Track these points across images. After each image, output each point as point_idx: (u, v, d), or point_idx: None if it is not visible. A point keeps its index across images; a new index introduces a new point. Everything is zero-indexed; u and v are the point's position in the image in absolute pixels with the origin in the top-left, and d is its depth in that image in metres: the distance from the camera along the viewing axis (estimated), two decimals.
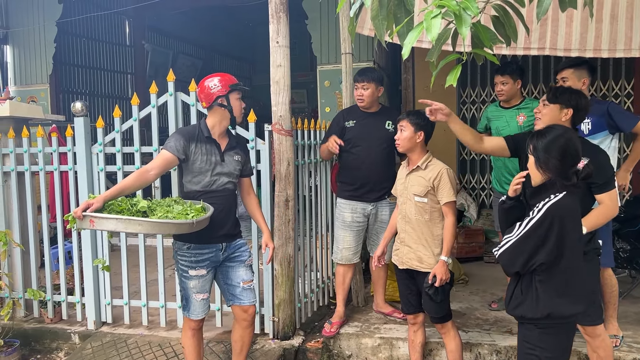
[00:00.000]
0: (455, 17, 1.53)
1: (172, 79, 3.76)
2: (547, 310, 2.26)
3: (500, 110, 3.96)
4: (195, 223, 2.68)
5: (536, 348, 2.32)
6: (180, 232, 2.75)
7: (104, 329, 4.00)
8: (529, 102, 3.87)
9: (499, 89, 3.87)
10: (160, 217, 2.68)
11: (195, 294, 2.96)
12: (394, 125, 3.84)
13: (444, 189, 3.02)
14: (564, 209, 2.23)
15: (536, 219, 2.23)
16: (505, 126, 3.87)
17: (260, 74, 11.24)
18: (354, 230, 3.87)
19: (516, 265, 2.29)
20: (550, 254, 2.22)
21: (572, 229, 2.26)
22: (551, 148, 2.27)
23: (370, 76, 3.77)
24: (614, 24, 3.20)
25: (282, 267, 3.69)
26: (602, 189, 2.70)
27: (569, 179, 2.26)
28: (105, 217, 2.58)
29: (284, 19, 3.53)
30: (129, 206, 2.73)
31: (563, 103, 2.77)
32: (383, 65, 5.83)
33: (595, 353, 2.82)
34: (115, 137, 3.93)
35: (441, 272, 2.95)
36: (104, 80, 8.17)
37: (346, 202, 3.88)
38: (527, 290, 2.31)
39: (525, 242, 2.25)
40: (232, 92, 2.95)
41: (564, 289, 2.27)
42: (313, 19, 5.81)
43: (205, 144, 2.94)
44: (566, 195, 2.25)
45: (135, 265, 4.06)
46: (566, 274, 2.27)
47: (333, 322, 3.77)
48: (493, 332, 3.64)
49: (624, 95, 5.98)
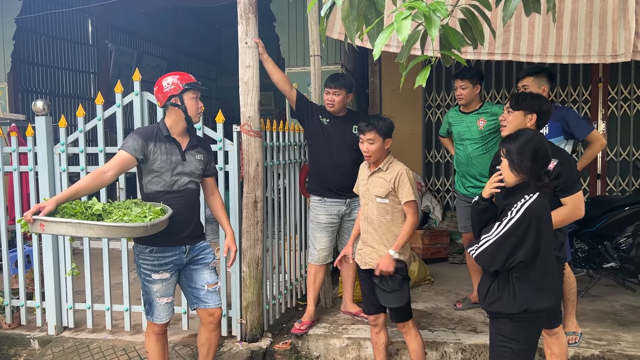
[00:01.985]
0: (425, 19, 1.56)
1: (138, 78, 3.69)
2: (525, 305, 2.36)
3: (461, 115, 4.04)
4: (150, 226, 2.59)
5: (510, 341, 2.41)
6: (134, 235, 2.67)
7: (66, 334, 3.89)
8: (489, 107, 3.97)
9: (459, 93, 3.95)
10: (115, 220, 2.59)
11: (158, 298, 2.90)
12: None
13: (404, 188, 3.06)
14: (540, 210, 2.34)
15: (515, 219, 2.32)
16: (467, 131, 3.95)
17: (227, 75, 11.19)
18: (329, 231, 3.90)
19: (496, 263, 2.37)
20: (528, 253, 2.32)
21: (546, 228, 2.38)
22: (524, 150, 2.37)
23: (342, 82, 3.82)
24: (574, 31, 3.30)
25: (250, 268, 3.66)
26: (566, 191, 2.80)
27: (541, 179, 2.36)
28: (55, 220, 2.48)
29: (252, 19, 3.53)
30: (83, 209, 2.63)
31: (526, 109, 2.86)
32: (351, 68, 5.88)
33: (549, 349, 2.92)
34: (78, 137, 3.83)
35: (384, 263, 3.00)
36: (66, 79, 7.94)
37: (320, 202, 3.89)
38: (504, 286, 2.40)
39: (504, 241, 2.33)
40: (186, 91, 2.87)
41: (539, 285, 2.38)
42: (281, 21, 5.81)
43: (164, 143, 2.87)
44: (540, 196, 2.35)
45: (99, 269, 3.96)
46: (541, 271, 2.38)
47: (303, 321, 3.78)
48: (458, 331, 3.71)
49: (582, 101, 6.20)
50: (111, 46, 8.33)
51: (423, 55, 1.78)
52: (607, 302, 4.24)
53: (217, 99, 11.50)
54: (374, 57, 1.67)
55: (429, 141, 6.75)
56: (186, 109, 2.88)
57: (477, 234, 2.52)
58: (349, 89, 3.87)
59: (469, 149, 3.93)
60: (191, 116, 2.91)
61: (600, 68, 6.02)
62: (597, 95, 6.15)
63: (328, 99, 3.84)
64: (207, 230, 3.98)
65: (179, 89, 2.85)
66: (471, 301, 4.12)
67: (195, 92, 2.92)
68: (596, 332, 3.61)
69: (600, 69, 6.04)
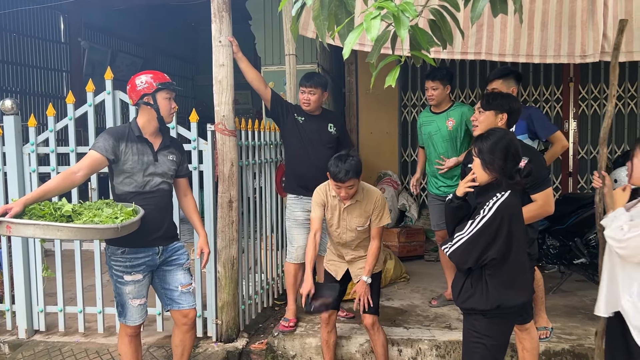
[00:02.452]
0: (394, 19, 1.56)
1: (110, 77, 3.64)
2: (497, 302, 2.39)
3: (432, 116, 4.07)
4: (121, 228, 2.54)
5: (483, 337, 2.45)
6: (105, 237, 2.63)
7: (37, 338, 3.82)
8: (458, 107, 4.01)
9: (430, 94, 3.98)
10: (85, 222, 2.54)
11: (131, 300, 2.86)
12: (336, 128, 3.93)
13: (382, 214, 3.18)
14: (512, 208, 2.39)
15: (488, 217, 2.36)
16: (437, 131, 3.99)
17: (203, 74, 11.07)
18: (307, 228, 3.90)
19: (469, 261, 2.40)
20: (500, 250, 2.36)
21: (518, 226, 2.43)
22: (495, 149, 2.41)
23: (317, 81, 3.83)
24: (545, 31, 3.36)
25: (225, 269, 3.64)
26: (536, 188, 2.87)
27: (513, 177, 2.41)
28: (22, 222, 2.42)
29: (226, 18, 3.51)
30: (52, 210, 2.57)
31: (497, 109, 2.92)
32: (327, 67, 5.89)
33: (521, 344, 2.99)
34: (49, 136, 3.76)
35: (360, 291, 3.14)
36: (37, 78, 7.78)
37: (297, 199, 3.90)
38: (477, 283, 2.44)
39: (477, 239, 2.37)
40: (160, 91, 2.84)
41: (511, 282, 2.42)
42: (257, 20, 5.79)
43: (136, 144, 2.84)
44: (511, 194, 2.39)
45: (71, 271, 3.90)
46: (513, 268, 2.42)
47: (290, 319, 3.81)
48: (433, 328, 3.75)
49: (554, 100, 6.32)
50: (84, 44, 8.19)
51: (393, 55, 1.79)
52: (578, 297, 4.33)
53: (193, 97, 11.40)
54: (344, 57, 1.67)
55: (404, 140, 6.80)
56: (159, 108, 2.85)
57: (450, 231, 2.56)
58: (324, 88, 3.88)
59: (440, 149, 3.98)
60: (163, 116, 2.88)
61: (572, 68, 6.14)
62: (568, 95, 6.28)
63: (304, 98, 3.84)
64: (183, 230, 3.96)
65: (152, 87, 2.82)
66: (445, 298, 4.16)
67: (169, 92, 2.88)
68: (567, 326, 3.68)
69: (572, 68, 6.16)
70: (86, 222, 2.54)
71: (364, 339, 3.60)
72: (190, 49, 11.35)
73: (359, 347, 3.59)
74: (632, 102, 6.19)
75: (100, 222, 2.55)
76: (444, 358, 3.48)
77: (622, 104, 6.18)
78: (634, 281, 2.36)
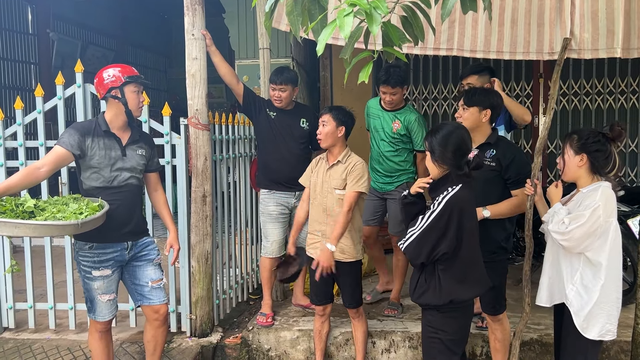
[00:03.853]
0: (367, 15, 1.58)
1: (80, 69, 3.58)
2: (450, 297, 2.42)
3: (380, 110, 3.93)
4: (82, 224, 2.50)
5: (439, 331, 2.48)
6: (65, 234, 2.59)
7: (6, 335, 3.75)
8: (407, 112, 3.85)
9: (389, 100, 3.78)
10: (47, 218, 2.50)
11: (100, 295, 2.83)
12: (308, 123, 3.92)
13: (354, 178, 3.11)
14: (462, 201, 2.40)
15: (437, 211, 2.38)
16: (381, 129, 3.90)
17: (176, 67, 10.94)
18: (280, 222, 3.91)
19: (421, 256, 2.42)
20: (451, 244, 2.38)
21: (468, 220, 2.44)
22: (445, 143, 2.44)
23: (286, 77, 3.81)
24: (514, 28, 3.42)
25: (199, 264, 3.63)
26: (518, 184, 2.92)
27: (461, 168, 2.43)
28: None
29: (199, 11, 3.48)
30: (14, 206, 2.52)
31: (480, 105, 2.93)
32: (301, 61, 5.88)
33: (493, 334, 3.09)
34: (17, 130, 3.68)
35: (322, 258, 3.05)
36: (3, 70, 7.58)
37: (269, 193, 3.91)
38: (431, 279, 2.46)
39: (428, 234, 2.39)
40: (127, 84, 2.80)
41: (463, 276, 2.44)
42: (231, 13, 5.75)
43: (103, 139, 2.80)
44: (462, 187, 2.41)
45: (42, 267, 3.84)
46: (465, 262, 2.44)
47: (267, 314, 3.81)
48: (406, 320, 3.81)
49: (524, 95, 6.44)
50: (53, 35, 7.99)
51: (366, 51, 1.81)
52: None
53: (166, 90, 11.25)
54: (318, 53, 1.68)
55: None
56: (127, 102, 2.82)
57: (406, 228, 2.57)
58: (295, 83, 3.87)
59: (382, 148, 3.89)
60: (132, 110, 2.84)
61: (541, 64, 6.25)
62: (538, 90, 6.40)
63: (275, 95, 3.83)
64: (156, 226, 3.92)
65: (120, 81, 2.79)
66: (379, 292, 4.24)
67: (137, 86, 2.85)
68: (535, 317, 3.76)
69: (541, 65, 6.27)
70: (48, 218, 2.50)
71: (338, 332, 3.64)
72: (163, 42, 11.19)
73: (332, 339, 3.63)
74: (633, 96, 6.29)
75: (64, 218, 2.51)
76: (416, 349, 3.54)
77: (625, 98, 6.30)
78: (576, 271, 2.53)
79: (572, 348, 2.58)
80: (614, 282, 2.51)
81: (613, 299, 2.51)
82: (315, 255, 3.20)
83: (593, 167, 2.54)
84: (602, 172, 2.55)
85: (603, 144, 2.54)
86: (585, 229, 2.43)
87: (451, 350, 2.48)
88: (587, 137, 2.55)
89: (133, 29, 10.05)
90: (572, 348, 2.58)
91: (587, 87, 6.31)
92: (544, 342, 3.49)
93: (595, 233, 2.45)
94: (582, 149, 2.54)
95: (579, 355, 2.57)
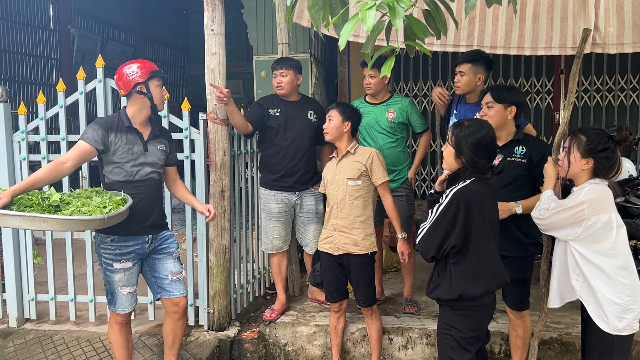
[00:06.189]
0: (389, 9, 1.57)
1: (101, 64, 3.61)
2: (459, 291, 2.38)
3: (368, 106, 3.89)
4: (107, 219, 2.54)
5: (450, 329, 2.45)
6: (91, 228, 2.63)
7: (28, 326, 3.81)
8: (398, 99, 3.88)
9: (367, 82, 3.80)
10: (72, 212, 2.53)
11: (120, 288, 2.87)
12: (316, 115, 3.87)
13: (378, 170, 3.18)
14: (469, 193, 2.34)
15: (444, 204, 2.35)
16: (376, 123, 3.86)
17: (195, 63, 11.01)
18: (282, 220, 3.90)
19: (431, 250, 2.40)
20: (460, 237, 2.33)
21: (478, 213, 2.35)
22: (475, 148, 2.37)
23: (288, 63, 3.78)
24: (536, 24, 3.37)
25: (217, 258, 3.65)
26: None
27: (484, 173, 2.39)
28: (8, 214, 2.40)
29: (219, 6, 3.48)
30: (40, 200, 2.56)
31: (505, 102, 2.86)
32: (319, 57, 5.86)
33: (515, 331, 3.06)
34: (39, 124, 3.74)
35: (402, 247, 3.24)
36: (26, 65, 7.69)
37: (270, 192, 3.89)
38: (443, 273, 2.43)
39: (436, 227, 2.37)
40: (151, 79, 2.84)
41: (474, 271, 2.38)
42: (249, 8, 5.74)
43: (126, 134, 2.83)
44: (473, 181, 2.36)
45: (62, 259, 3.89)
46: (475, 256, 2.37)
47: (275, 309, 3.83)
48: (423, 317, 3.79)
49: (545, 92, 6.34)
50: (74, 31, 8.09)
51: (388, 46, 1.80)
52: None
53: (184, 86, 11.33)
54: (340, 48, 1.67)
55: None
56: (152, 96, 2.85)
57: None
58: (297, 70, 3.82)
59: (380, 141, 3.84)
60: (157, 104, 2.89)
61: (562, 60, 6.15)
62: (559, 87, 6.29)
63: (277, 82, 3.80)
64: (174, 220, 3.95)
65: (145, 76, 2.82)
66: None
67: (159, 80, 2.89)
68: (555, 315, 3.72)
69: (562, 60, 6.17)
70: (74, 212, 2.53)
71: (355, 328, 3.64)
72: (182, 38, 11.27)
73: (349, 335, 3.63)
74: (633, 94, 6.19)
75: (88, 212, 2.54)
76: (433, 346, 3.52)
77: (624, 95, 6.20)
78: (578, 262, 2.49)
79: (595, 346, 2.53)
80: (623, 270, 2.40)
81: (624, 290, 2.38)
82: (332, 248, 3.23)
83: (597, 170, 2.45)
84: (606, 176, 2.46)
85: (612, 151, 2.43)
86: (564, 216, 2.42)
87: (464, 349, 2.42)
88: (597, 142, 2.43)
89: (152, 25, 10.14)
90: (595, 346, 2.53)
91: (610, 83, 6.19)
92: (563, 341, 3.45)
93: (578, 224, 2.39)
94: (589, 154, 2.44)
95: (604, 354, 2.47)
